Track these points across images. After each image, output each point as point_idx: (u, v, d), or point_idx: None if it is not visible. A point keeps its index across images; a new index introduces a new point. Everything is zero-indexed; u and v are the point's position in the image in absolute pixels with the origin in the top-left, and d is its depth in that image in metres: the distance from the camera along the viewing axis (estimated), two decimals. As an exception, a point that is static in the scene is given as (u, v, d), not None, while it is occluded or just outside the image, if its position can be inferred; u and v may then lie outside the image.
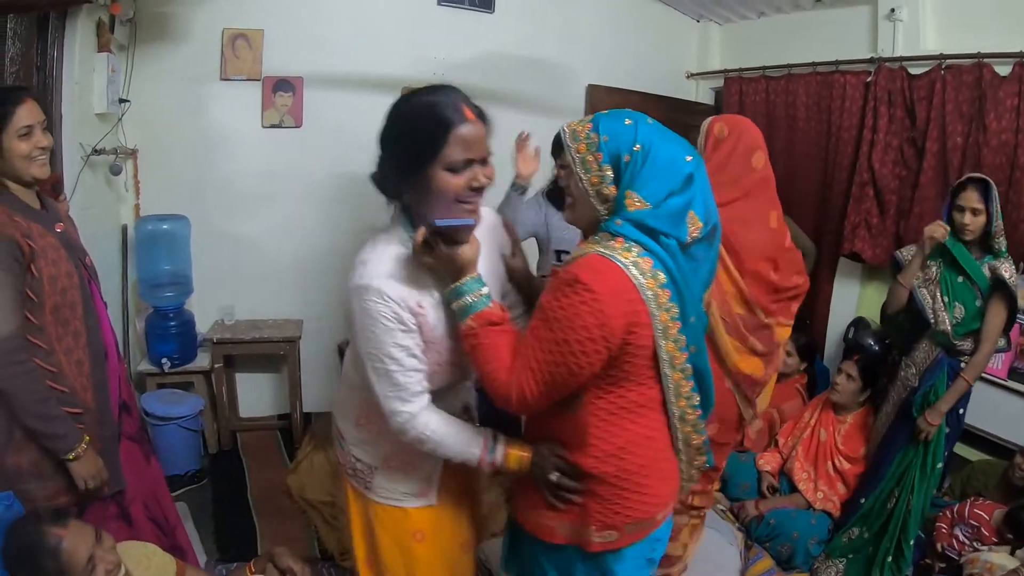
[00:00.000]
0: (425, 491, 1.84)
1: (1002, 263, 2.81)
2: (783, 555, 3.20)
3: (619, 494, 1.63)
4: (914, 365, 2.96)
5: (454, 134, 1.48)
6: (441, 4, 4.40)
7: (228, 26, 3.89)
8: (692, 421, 1.68)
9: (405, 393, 1.60)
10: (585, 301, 1.43)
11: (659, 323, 1.50)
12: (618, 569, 1.70)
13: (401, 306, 1.54)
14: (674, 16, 5.27)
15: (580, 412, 1.60)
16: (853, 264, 4.30)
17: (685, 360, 1.59)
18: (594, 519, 1.65)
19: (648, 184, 1.49)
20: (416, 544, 1.87)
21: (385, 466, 1.81)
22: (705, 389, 1.68)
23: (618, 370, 1.53)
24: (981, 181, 2.81)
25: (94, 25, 3.25)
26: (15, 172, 1.93)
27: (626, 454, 1.62)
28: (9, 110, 1.89)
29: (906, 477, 2.98)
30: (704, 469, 1.88)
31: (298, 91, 4.09)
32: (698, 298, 1.60)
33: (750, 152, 2.33)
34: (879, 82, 3.93)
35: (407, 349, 1.57)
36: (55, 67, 2.96)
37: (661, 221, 1.47)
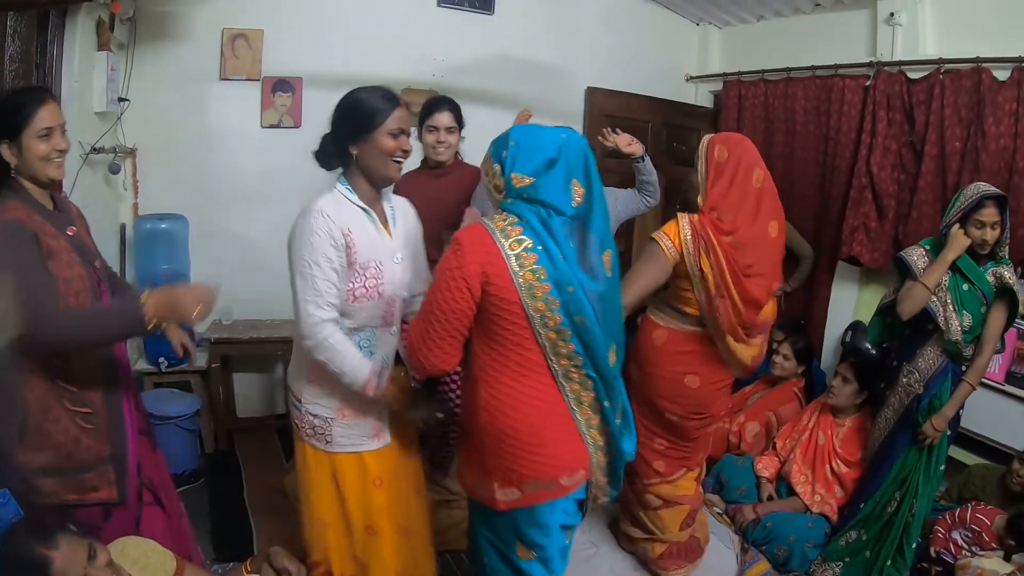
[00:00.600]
0: (379, 431, 2.13)
1: (1005, 269, 2.82)
2: (780, 558, 3.19)
3: (514, 452, 1.85)
4: (917, 371, 2.95)
5: (396, 110, 1.99)
6: (441, 5, 4.41)
7: (228, 26, 3.89)
8: (579, 378, 1.88)
9: (320, 300, 1.95)
10: (453, 251, 1.79)
11: (522, 281, 1.76)
12: (528, 526, 1.94)
13: (335, 223, 1.94)
14: (674, 19, 5.28)
15: (474, 372, 1.90)
16: (851, 268, 4.31)
17: (560, 322, 1.79)
18: (495, 476, 1.89)
19: (526, 163, 1.81)
20: (375, 490, 2.14)
21: (341, 416, 2.08)
22: (601, 356, 1.86)
23: (495, 325, 1.81)
24: (997, 196, 2.79)
25: (94, 23, 3.24)
26: (32, 172, 1.93)
27: (516, 412, 1.84)
28: (31, 111, 1.89)
29: (908, 482, 2.98)
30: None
31: (297, 91, 4.09)
32: (585, 270, 1.81)
33: (750, 172, 2.50)
34: (878, 86, 3.94)
35: (331, 262, 1.95)
36: (55, 65, 2.96)
37: (542, 190, 1.79)
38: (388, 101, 1.99)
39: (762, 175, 2.52)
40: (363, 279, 2.00)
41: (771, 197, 2.56)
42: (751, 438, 3.77)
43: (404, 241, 2.15)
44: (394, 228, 2.13)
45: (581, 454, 1.94)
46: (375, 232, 2.05)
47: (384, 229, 2.09)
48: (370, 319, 2.07)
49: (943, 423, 2.87)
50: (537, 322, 1.79)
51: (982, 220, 2.79)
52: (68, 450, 1.97)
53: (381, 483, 2.14)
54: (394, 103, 1.99)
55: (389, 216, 2.14)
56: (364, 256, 2.00)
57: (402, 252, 2.12)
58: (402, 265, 2.11)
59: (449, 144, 3.04)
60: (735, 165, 2.50)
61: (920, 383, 2.93)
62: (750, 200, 2.50)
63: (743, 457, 3.69)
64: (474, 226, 1.83)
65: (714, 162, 2.53)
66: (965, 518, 3.05)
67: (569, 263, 1.78)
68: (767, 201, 2.54)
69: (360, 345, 2.06)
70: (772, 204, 2.56)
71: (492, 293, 1.77)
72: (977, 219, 2.79)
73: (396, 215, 2.16)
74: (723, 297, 2.50)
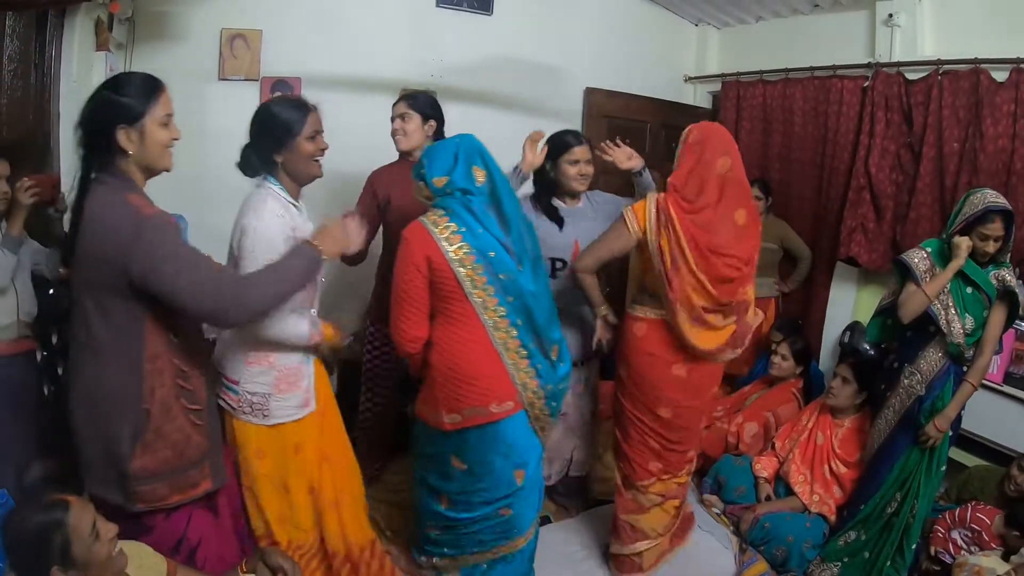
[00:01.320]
0: (308, 400, 2.33)
1: (1006, 271, 2.83)
2: (778, 559, 3.19)
3: (456, 384, 2.41)
4: (919, 373, 2.95)
5: (309, 115, 2.20)
6: (439, 6, 4.40)
7: (226, 26, 3.88)
8: (504, 327, 2.40)
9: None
10: (402, 246, 2.36)
11: (452, 256, 2.31)
12: (462, 446, 2.48)
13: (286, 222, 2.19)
14: (672, 20, 5.29)
15: (435, 324, 2.44)
16: (849, 268, 4.31)
17: (487, 281, 2.34)
18: (442, 404, 2.44)
19: (439, 168, 2.39)
20: (310, 455, 2.37)
21: (276, 390, 2.26)
22: (522, 305, 2.39)
23: (441, 292, 2.36)
24: (1003, 211, 2.78)
25: (92, 24, 3.24)
26: (150, 161, 1.90)
27: (457, 354, 2.40)
28: (156, 96, 1.86)
29: (909, 482, 2.97)
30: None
31: (296, 91, 4.07)
32: (501, 237, 2.36)
33: (715, 158, 2.62)
34: (876, 87, 3.95)
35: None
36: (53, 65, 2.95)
37: (455, 181, 2.36)
38: (300, 109, 2.21)
39: (729, 163, 2.62)
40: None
41: (736, 186, 2.65)
42: (749, 438, 3.78)
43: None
44: (303, 215, 2.34)
45: (509, 389, 2.44)
46: (303, 222, 2.29)
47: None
48: (301, 301, 2.25)
49: (945, 424, 2.87)
50: (468, 285, 2.34)
51: (986, 233, 2.78)
52: (181, 449, 1.95)
53: (300, 449, 2.34)
54: (306, 110, 2.21)
55: (300, 202, 2.36)
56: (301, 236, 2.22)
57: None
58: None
59: (405, 132, 3.08)
60: (701, 150, 2.63)
61: (922, 384, 2.93)
62: (712, 184, 2.60)
63: (741, 457, 3.69)
64: (413, 224, 2.37)
65: (687, 145, 2.69)
66: (965, 518, 3.05)
67: (491, 232, 2.35)
68: (732, 188, 2.63)
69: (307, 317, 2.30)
70: (737, 192, 2.66)
71: (434, 269, 2.33)
72: (982, 231, 2.79)
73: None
74: (677, 271, 2.59)
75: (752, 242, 2.71)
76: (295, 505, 2.37)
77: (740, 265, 2.64)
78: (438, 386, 2.44)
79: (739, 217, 2.64)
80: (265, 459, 2.31)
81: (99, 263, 1.80)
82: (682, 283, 2.60)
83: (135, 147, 1.85)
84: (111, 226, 1.79)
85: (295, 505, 2.37)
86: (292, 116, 2.18)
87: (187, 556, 2.03)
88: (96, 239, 1.80)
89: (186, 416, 1.96)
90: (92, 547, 1.67)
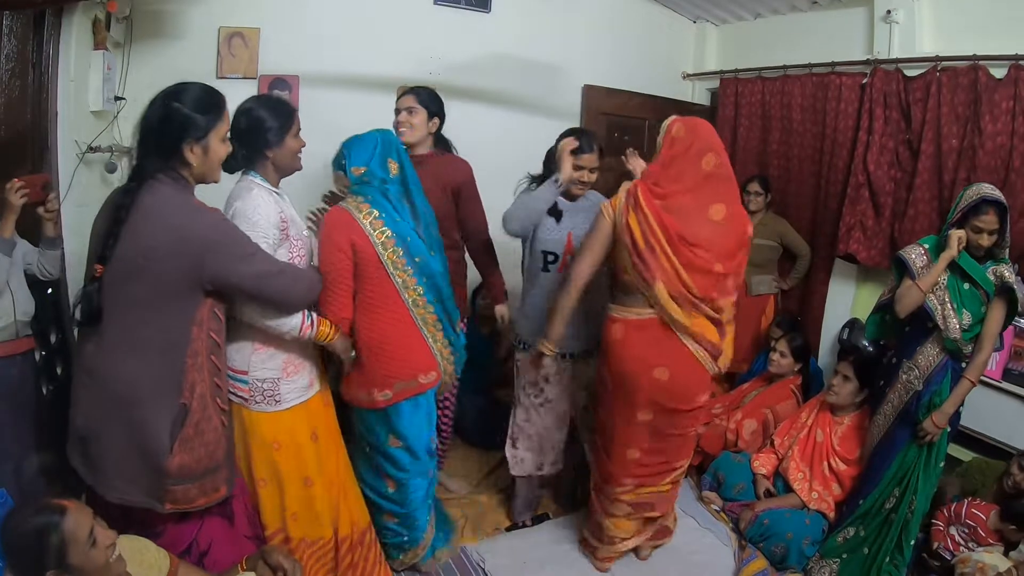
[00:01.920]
0: (314, 380, 2.48)
1: (1005, 267, 2.82)
2: (777, 555, 3.20)
3: (386, 360, 2.56)
4: (917, 368, 2.95)
5: (295, 114, 2.37)
6: (437, 3, 4.40)
7: (224, 24, 3.88)
8: (423, 305, 2.61)
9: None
10: (326, 231, 2.47)
11: (376, 240, 2.47)
12: (398, 421, 2.64)
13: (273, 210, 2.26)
14: (671, 17, 5.29)
15: (357, 307, 2.54)
16: (848, 265, 4.32)
17: (406, 263, 2.53)
18: (375, 382, 2.57)
19: (357, 158, 2.55)
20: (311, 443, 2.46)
21: (285, 373, 2.37)
22: (434, 284, 2.62)
23: (365, 274, 2.49)
24: (997, 202, 2.78)
25: (90, 22, 3.23)
26: (207, 174, 2.04)
27: (384, 330, 2.56)
28: (221, 113, 2.00)
29: (908, 478, 2.98)
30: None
31: (294, 90, 4.08)
32: (413, 225, 2.58)
33: (701, 154, 2.58)
34: (875, 84, 3.95)
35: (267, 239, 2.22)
36: (51, 64, 2.95)
37: (372, 171, 2.53)
38: (288, 109, 2.37)
39: (714, 160, 2.58)
40: (294, 249, 2.34)
41: (721, 182, 2.62)
42: (748, 435, 3.78)
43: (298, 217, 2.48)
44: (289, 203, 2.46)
45: (431, 360, 2.66)
46: (290, 210, 2.39)
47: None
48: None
49: (943, 420, 2.87)
50: (391, 267, 2.51)
51: (980, 226, 2.79)
52: (212, 449, 2.01)
53: (316, 436, 2.48)
54: (293, 109, 2.38)
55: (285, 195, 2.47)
56: (295, 230, 2.36)
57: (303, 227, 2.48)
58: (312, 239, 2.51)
59: (412, 125, 3.09)
60: (687, 145, 2.59)
61: (920, 380, 2.94)
62: (690, 177, 2.58)
63: (740, 455, 3.69)
64: (335, 210, 2.53)
65: (670, 136, 2.65)
66: (960, 514, 3.06)
67: (404, 220, 2.55)
68: (714, 184, 2.60)
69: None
70: (719, 188, 2.61)
71: (358, 252, 2.47)
72: (976, 223, 2.79)
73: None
74: (652, 252, 2.56)
75: (729, 241, 2.63)
76: (316, 497, 2.46)
77: (712, 260, 2.58)
78: (369, 365, 2.58)
79: (715, 212, 2.59)
80: (282, 451, 2.38)
81: (165, 259, 1.86)
82: (659, 263, 2.57)
83: (198, 160, 1.96)
84: (184, 225, 1.88)
85: (316, 497, 2.46)
86: (285, 114, 2.33)
87: (196, 560, 2.06)
88: (164, 236, 1.86)
89: (219, 415, 2.03)
90: (88, 552, 1.67)
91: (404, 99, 3.12)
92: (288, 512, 2.42)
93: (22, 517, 1.67)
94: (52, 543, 1.62)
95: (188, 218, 1.89)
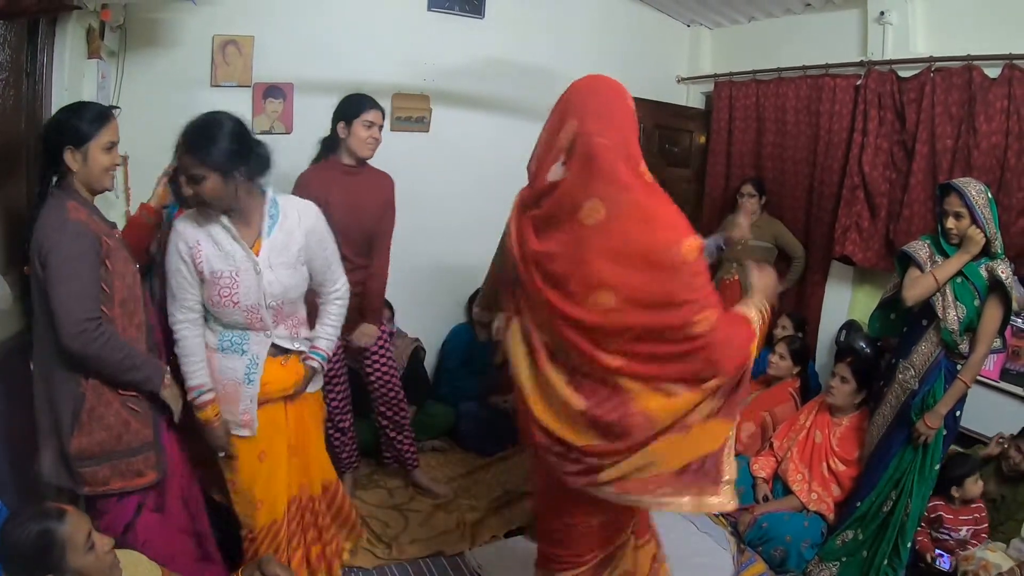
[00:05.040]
0: (248, 423, 2.37)
1: (999, 264, 2.81)
2: (776, 559, 3.19)
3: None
4: (912, 368, 2.96)
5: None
6: (431, 9, 4.40)
7: (218, 32, 3.87)
8: None
9: (175, 303, 2.26)
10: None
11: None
12: None
13: (183, 238, 2.21)
14: (664, 20, 5.29)
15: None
16: (844, 267, 4.32)
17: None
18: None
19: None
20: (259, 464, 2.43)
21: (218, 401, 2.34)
22: None
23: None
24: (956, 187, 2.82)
25: (84, 31, 3.23)
26: (91, 181, 2.11)
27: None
28: (101, 124, 2.09)
29: (904, 480, 2.98)
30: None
31: (288, 97, 4.08)
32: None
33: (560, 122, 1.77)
34: (869, 85, 3.95)
35: (180, 272, 2.22)
36: (45, 73, 2.94)
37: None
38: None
39: (575, 127, 1.72)
40: (216, 288, 2.21)
41: (587, 161, 1.67)
42: (747, 438, 3.77)
43: (279, 248, 2.28)
44: (267, 237, 2.26)
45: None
46: (229, 244, 2.21)
47: (241, 241, 2.21)
48: (234, 323, 2.29)
49: (936, 421, 2.87)
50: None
51: (945, 209, 2.84)
52: (118, 432, 2.10)
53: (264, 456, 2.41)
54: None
55: (266, 225, 2.28)
56: (209, 267, 2.21)
57: (274, 260, 2.26)
58: (268, 274, 2.24)
59: (378, 141, 3.16)
60: (551, 112, 1.84)
61: (915, 379, 2.94)
62: (549, 159, 1.75)
63: (739, 457, 3.68)
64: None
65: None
66: (931, 519, 3.12)
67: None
68: (578, 164, 1.68)
69: (232, 341, 2.31)
70: (589, 171, 1.67)
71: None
72: (943, 207, 2.86)
73: (280, 222, 2.30)
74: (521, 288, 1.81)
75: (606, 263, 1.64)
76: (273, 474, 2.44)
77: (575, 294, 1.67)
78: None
79: (587, 213, 1.65)
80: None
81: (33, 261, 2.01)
82: (518, 305, 1.84)
83: (78, 167, 2.07)
84: (35, 232, 2.01)
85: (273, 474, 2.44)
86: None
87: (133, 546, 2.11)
88: (32, 243, 2.01)
89: (122, 402, 2.11)
90: (87, 557, 1.67)
91: (375, 114, 3.12)
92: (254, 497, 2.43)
93: (20, 522, 1.67)
94: (51, 548, 1.63)
95: (40, 226, 2.01)
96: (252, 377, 2.32)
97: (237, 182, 2.18)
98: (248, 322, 2.29)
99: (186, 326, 2.27)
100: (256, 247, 2.25)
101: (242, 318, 2.27)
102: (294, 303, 2.40)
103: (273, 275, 2.26)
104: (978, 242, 2.79)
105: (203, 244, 2.21)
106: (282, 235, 2.29)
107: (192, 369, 2.27)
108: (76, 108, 2.14)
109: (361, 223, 3.15)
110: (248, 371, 2.31)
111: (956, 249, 2.86)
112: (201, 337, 2.30)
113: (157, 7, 3.69)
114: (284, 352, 2.41)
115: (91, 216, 2.07)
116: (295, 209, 2.36)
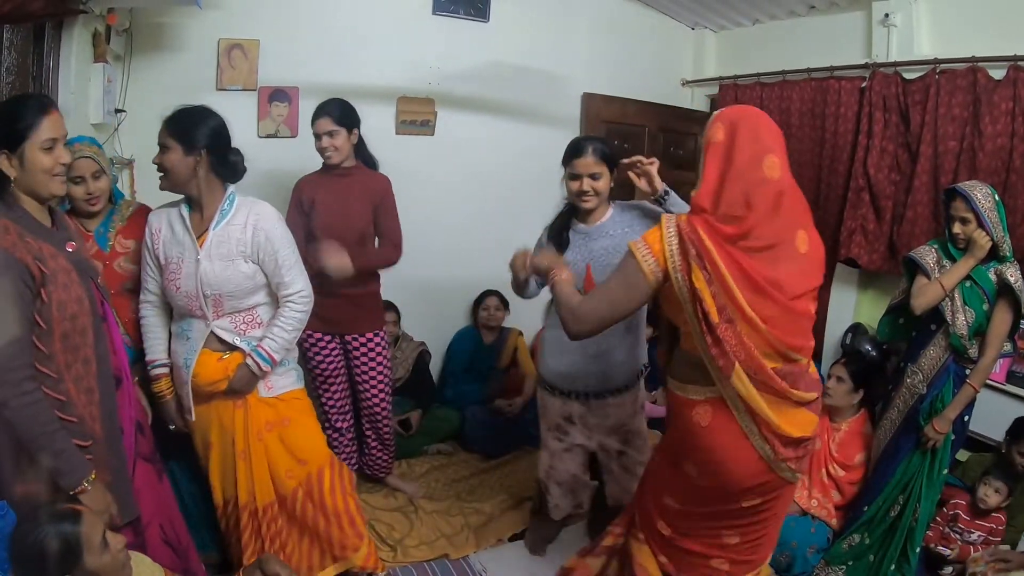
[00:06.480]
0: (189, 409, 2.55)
1: (1008, 268, 2.80)
2: (782, 564, 3.17)
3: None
4: (921, 372, 2.94)
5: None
6: (436, 13, 4.41)
7: (224, 36, 3.89)
8: None
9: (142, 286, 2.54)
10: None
11: None
12: None
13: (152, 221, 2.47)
14: (669, 24, 5.29)
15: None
16: (850, 270, 4.30)
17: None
18: None
19: None
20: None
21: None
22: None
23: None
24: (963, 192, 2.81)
25: (90, 35, 3.25)
26: (33, 187, 1.83)
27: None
28: (36, 120, 1.79)
29: (912, 485, 2.97)
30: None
31: (294, 101, 4.09)
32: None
33: (758, 159, 1.86)
34: (874, 87, 3.94)
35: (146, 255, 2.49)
36: (51, 77, 2.96)
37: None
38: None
39: (778, 164, 1.87)
40: (167, 272, 2.42)
41: (793, 197, 1.91)
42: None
43: (219, 242, 2.39)
44: (214, 229, 2.39)
45: None
46: (181, 232, 2.41)
47: (191, 231, 2.40)
48: (180, 308, 2.47)
49: (945, 426, 2.86)
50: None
51: (952, 214, 2.84)
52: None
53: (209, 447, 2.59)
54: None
55: (216, 219, 2.41)
56: (164, 252, 2.43)
57: (213, 252, 2.38)
58: (206, 264, 2.37)
59: (336, 147, 3.18)
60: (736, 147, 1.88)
61: (923, 383, 2.93)
62: (761, 193, 1.84)
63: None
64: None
65: (714, 146, 1.94)
66: (946, 514, 3.12)
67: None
68: (789, 200, 1.88)
69: (181, 327, 2.48)
70: (795, 207, 1.91)
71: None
72: (950, 213, 2.85)
73: (228, 218, 2.42)
74: (731, 323, 1.85)
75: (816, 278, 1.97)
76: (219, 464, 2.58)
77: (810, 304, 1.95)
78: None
79: (801, 242, 1.90)
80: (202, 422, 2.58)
81: None
82: (740, 340, 1.85)
83: (16, 173, 1.80)
84: None
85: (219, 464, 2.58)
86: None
87: None
88: None
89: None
90: (103, 557, 1.67)
91: (320, 123, 3.18)
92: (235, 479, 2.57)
93: (35, 527, 1.64)
94: (70, 551, 1.62)
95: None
96: (190, 363, 2.46)
97: (197, 163, 2.32)
98: (189, 309, 2.43)
99: (146, 306, 2.54)
100: (203, 239, 2.39)
101: (184, 303, 2.43)
102: (237, 298, 2.44)
103: (210, 265, 2.37)
104: (984, 246, 2.78)
105: (163, 231, 2.44)
106: (227, 229, 2.41)
107: (149, 345, 2.54)
108: (7, 104, 1.88)
109: (350, 223, 3.22)
110: (187, 357, 2.46)
111: (963, 254, 2.85)
112: (160, 318, 2.56)
113: (163, 11, 3.71)
114: (230, 348, 2.48)
115: (23, 237, 1.78)
116: (248, 207, 2.46)
